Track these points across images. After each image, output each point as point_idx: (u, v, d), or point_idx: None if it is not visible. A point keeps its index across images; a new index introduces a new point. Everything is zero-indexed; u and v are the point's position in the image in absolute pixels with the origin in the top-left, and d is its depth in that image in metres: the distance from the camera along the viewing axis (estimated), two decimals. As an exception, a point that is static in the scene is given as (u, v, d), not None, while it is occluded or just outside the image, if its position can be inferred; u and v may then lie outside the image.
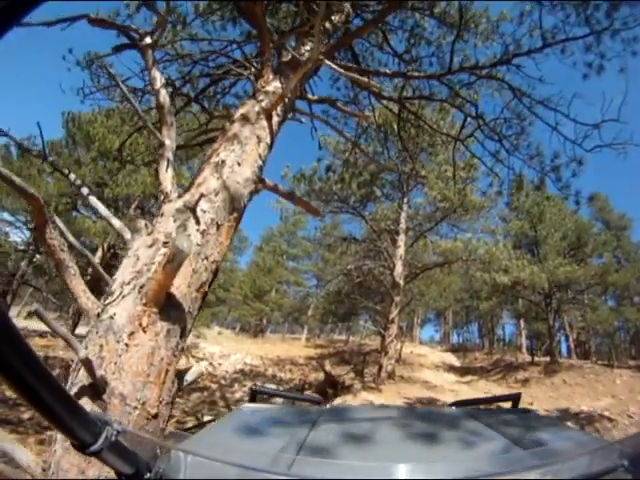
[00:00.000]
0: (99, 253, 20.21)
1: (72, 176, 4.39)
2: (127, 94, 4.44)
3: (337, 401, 14.86)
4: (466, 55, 8.07)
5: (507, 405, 2.43)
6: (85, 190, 4.22)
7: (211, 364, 21.59)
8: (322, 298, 34.68)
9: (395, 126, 10.37)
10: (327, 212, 20.84)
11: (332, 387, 16.80)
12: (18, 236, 23.78)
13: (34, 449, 8.11)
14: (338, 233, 27.29)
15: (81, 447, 0.93)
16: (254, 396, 2.52)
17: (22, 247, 23.34)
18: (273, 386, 18.34)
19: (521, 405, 2.40)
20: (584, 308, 30.01)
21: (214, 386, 17.39)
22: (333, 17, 6.59)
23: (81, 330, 19.85)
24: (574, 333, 39.29)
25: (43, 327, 24.89)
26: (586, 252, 27.34)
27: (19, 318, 31.90)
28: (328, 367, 18.04)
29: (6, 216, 22.85)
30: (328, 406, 2.48)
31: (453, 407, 2.45)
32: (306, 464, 1.26)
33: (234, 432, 1.80)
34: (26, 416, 9.62)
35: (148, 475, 1.10)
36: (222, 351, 25.91)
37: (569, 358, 32.95)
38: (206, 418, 11.45)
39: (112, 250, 19.99)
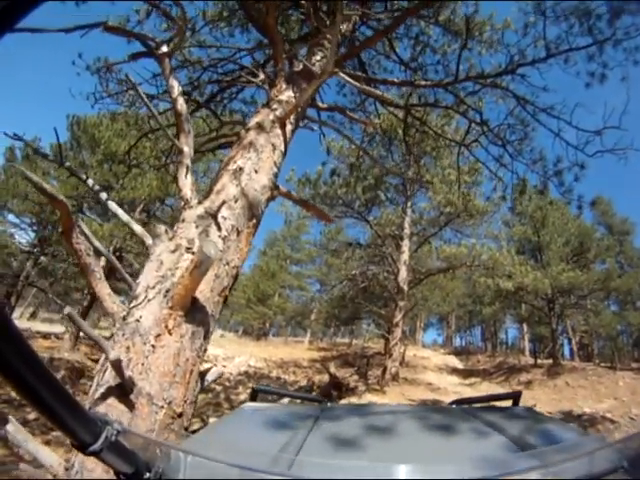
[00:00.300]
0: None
1: (90, 181, 4.48)
2: (147, 102, 4.48)
3: (341, 402, 14.89)
4: (471, 64, 8.13)
5: (507, 403, 2.40)
6: (104, 195, 4.31)
7: (215, 366, 21.58)
8: (326, 302, 34.52)
9: (400, 131, 10.45)
10: (332, 216, 20.61)
11: (337, 389, 16.87)
12: (23, 237, 23.85)
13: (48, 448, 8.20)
14: (342, 238, 27.24)
15: (81, 447, 0.95)
16: (255, 395, 2.54)
17: (27, 248, 23.39)
18: (273, 386, 18.40)
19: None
20: (587, 312, 29.90)
21: (219, 388, 17.40)
22: (341, 27, 6.69)
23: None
24: (577, 336, 39.12)
25: (47, 328, 24.94)
26: (589, 257, 27.27)
27: (22, 319, 32.00)
28: (333, 369, 18.10)
29: (12, 218, 22.92)
30: (329, 405, 2.49)
31: (454, 406, 2.47)
32: (306, 464, 1.25)
33: (235, 432, 1.84)
34: (31, 417, 9.63)
35: (148, 475, 1.11)
36: (226, 354, 25.93)
37: (572, 361, 32.87)
38: (211, 420, 11.48)
39: (118, 253, 20.00)
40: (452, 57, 8.49)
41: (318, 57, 6.08)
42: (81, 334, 19.72)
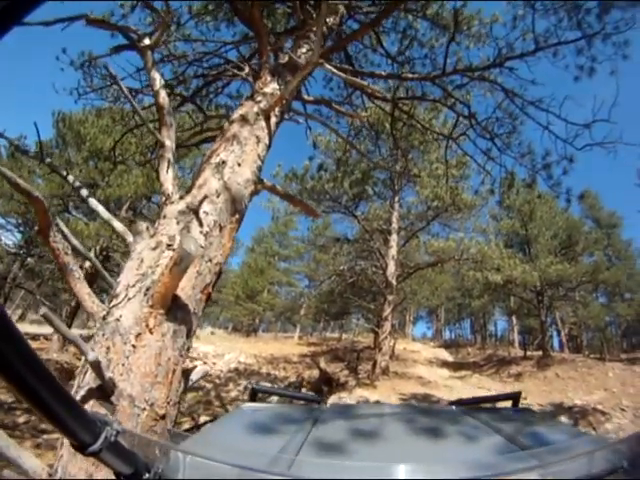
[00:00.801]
0: (91, 255, 20.06)
1: (70, 178, 4.39)
2: (128, 95, 4.42)
3: (332, 398, 14.93)
4: (459, 57, 8.10)
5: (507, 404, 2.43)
6: (85, 192, 4.23)
7: (205, 363, 21.55)
8: (314, 298, 34.60)
9: (387, 125, 10.40)
10: (319, 211, 20.54)
11: (327, 384, 16.95)
12: (9, 239, 23.62)
13: (32, 453, 8.12)
14: (330, 233, 27.35)
15: (80, 447, 0.94)
16: (254, 395, 2.53)
17: (14, 250, 23.18)
18: (268, 385, 18.38)
19: None
20: (575, 304, 30.21)
21: (209, 385, 17.36)
22: (328, 19, 6.62)
23: (73, 333, 19.84)
24: (566, 328, 39.49)
25: (35, 330, 24.78)
26: (577, 250, 27.54)
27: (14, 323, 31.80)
28: (323, 364, 18.13)
29: (-2, 219, 22.67)
30: (328, 405, 2.48)
31: (453, 406, 2.43)
32: (306, 464, 1.26)
33: (234, 432, 1.83)
34: (21, 420, 9.62)
35: (147, 475, 1.11)
36: (216, 350, 25.86)
37: (561, 352, 33.15)
38: (202, 419, 11.45)
39: (105, 253, 19.86)
40: (440, 51, 8.44)
41: (304, 49, 6.03)
42: (73, 334, 19.63)
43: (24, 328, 26.09)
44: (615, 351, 40.16)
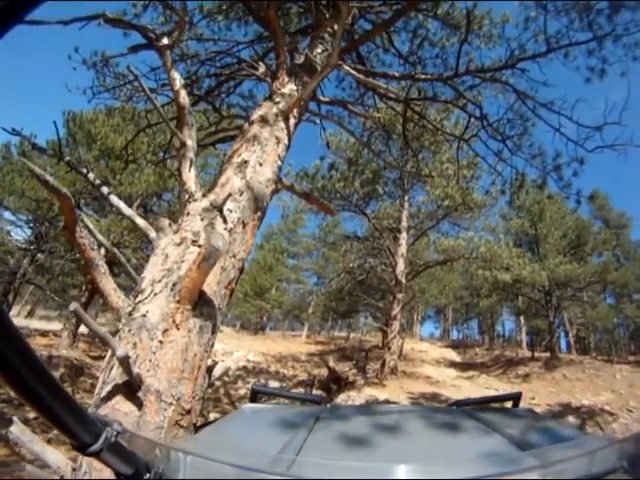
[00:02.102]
0: (102, 251, 20.11)
1: (91, 175, 4.43)
2: (149, 94, 4.46)
3: (341, 396, 15.07)
4: (471, 58, 8.03)
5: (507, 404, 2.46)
6: (105, 189, 4.28)
7: (214, 361, 21.55)
8: (323, 295, 34.62)
9: (398, 125, 10.42)
10: (330, 207, 20.52)
11: (336, 383, 16.93)
12: (19, 235, 23.73)
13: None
14: (340, 231, 27.37)
15: (81, 447, 0.95)
16: (255, 396, 2.56)
17: (24, 245, 23.29)
18: (277, 383, 18.47)
19: (522, 400, 2.43)
20: (584, 305, 30.11)
21: (218, 383, 17.38)
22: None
23: (82, 329, 19.91)
24: (574, 329, 39.37)
25: (44, 326, 24.86)
26: (586, 250, 27.46)
27: (20, 317, 31.91)
28: (332, 363, 18.12)
29: (8, 215, 22.79)
30: (328, 406, 2.52)
31: (454, 407, 2.44)
32: (306, 465, 1.25)
33: (234, 432, 1.85)
34: (31, 416, 9.63)
35: (147, 475, 1.11)
36: (224, 348, 25.88)
37: (569, 354, 33.03)
38: (212, 416, 11.50)
39: (115, 248, 19.95)
40: (451, 51, 8.55)
41: (319, 50, 6.06)
42: (79, 331, 19.70)
43: (33, 324, 26.25)
44: (623, 353, 40.00)
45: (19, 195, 20.19)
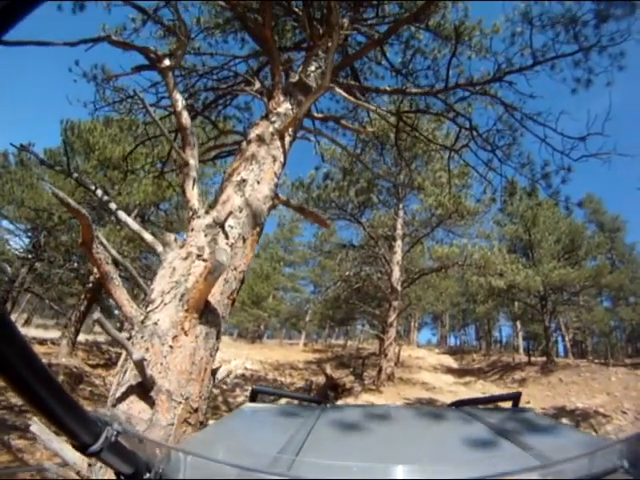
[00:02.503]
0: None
1: (99, 192, 4.67)
2: (156, 119, 4.67)
3: (338, 403, 14.97)
4: (461, 70, 8.26)
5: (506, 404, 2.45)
6: (113, 205, 4.52)
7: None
8: (320, 304, 34.63)
9: (391, 135, 10.59)
10: (325, 219, 20.47)
11: (333, 390, 17.00)
12: (17, 243, 23.78)
13: (44, 454, 8.32)
14: (335, 240, 27.39)
15: (81, 447, 0.96)
16: (254, 396, 2.54)
17: (22, 254, 23.34)
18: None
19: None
20: (579, 309, 30.19)
21: (216, 391, 17.49)
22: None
23: (80, 338, 20.04)
24: (570, 333, 39.39)
25: (41, 334, 24.83)
26: (580, 255, 27.43)
27: (17, 325, 31.92)
28: (329, 370, 18.25)
29: (6, 224, 22.82)
30: (328, 406, 2.44)
31: (453, 407, 2.42)
32: (305, 465, 1.26)
33: (234, 432, 1.86)
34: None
35: (147, 475, 1.12)
36: (222, 356, 25.97)
37: (566, 358, 33.12)
38: (210, 422, 11.64)
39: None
40: (442, 62, 8.69)
41: (313, 67, 6.27)
42: (78, 339, 19.81)
43: (30, 332, 26.24)
44: (620, 356, 40.05)
45: (18, 204, 20.19)
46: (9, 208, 21.07)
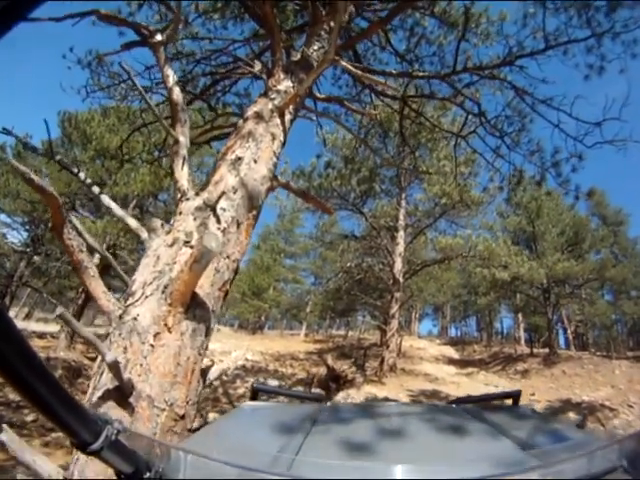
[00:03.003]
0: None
1: (82, 175, 4.35)
2: (142, 91, 4.41)
3: (340, 394, 15.15)
4: (468, 55, 8.12)
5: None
6: (96, 189, 4.19)
7: (212, 361, 21.50)
8: (321, 295, 34.78)
9: (395, 122, 10.43)
10: (328, 206, 20.53)
11: (335, 381, 16.96)
12: (15, 237, 23.69)
13: (40, 451, 8.14)
14: (337, 230, 27.47)
15: (81, 446, 0.94)
16: (255, 394, 2.51)
17: (20, 248, 23.25)
18: (275, 382, 18.52)
19: (522, 397, 2.39)
20: (582, 302, 30.27)
21: (216, 383, 17.38)
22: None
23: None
24: (572, 326, 39.62)
25: (42, 328, 24.84)
26: (584, 248, 27.59)
27: (17, 319, 31.89)
28: (330, 361, 18.11)
29: (3, 217, 22.72)
30: (329, 404, 2.50)
31: (454, 405, 2.44)
32: (306, 464, 1.25)
33: (234, 431, 1.82)
34: (29, 418, 9.67)
35: (148, 474, 1.10)
36: (222, 348, 25.92)
37: (567, 350, 33.18)
38: (211, 415, 11.48)
39: (111, 250, 19.82)
40: (448, 49, 8.52)
41: (315, 47, 6.00)
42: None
43: (30, 326, 26.23)
44: (622, 349, 40.27)
45: (14, 197, 20.12)
46: (5, 201, 21.03)
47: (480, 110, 8.26)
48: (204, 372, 3.13)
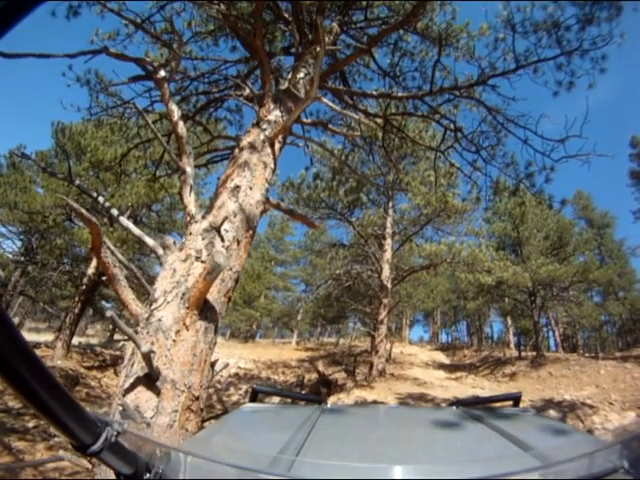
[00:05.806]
0: (94, 263, 20.14)
1: (101, 199, 4.94)
2: (153, 128, 4.90)
3: (331, 399, 15.18)
4: (447, 72, 8.44)
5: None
6: (115, 211, 4.78)
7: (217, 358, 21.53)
8: (311, 302, 34.76)
9: (380, 134, 10.80)
10: (315, 218, 20.73)
11: (325, 386, 17.22)
12: (10, 247, 23.75)
13: (45, 455, 8.47)
14: (326, 239, 27.59)
15: (81, 448, 0.96)
16: (255, 396, 2.55)
17: (15, 258, 23.33)
18: (269, 388, 18.75)
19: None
20: (569, 304, 30.54)
21: (210, 390, 17.64)
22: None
23: (73, 341, 20.15)
24: (560, 328, 39.70)
25: (34, 338, 24.79)
26: (568, 251, 27.75)
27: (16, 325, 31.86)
28: (321, 367, 18.44)
29: (-1, 228, 22.75)
30: (328, 406, 2.44)
31: (454, 407, 2.41)
32: (306, 465, 1.26)
33: (234, 432, 1.89)
34: (31, 425, 9.74)
35: (147, 475, 1.12)
36: (215, 357, 26.16)
37: (557, 352, 33.46)
38: (206, 424, 11.84)
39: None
40: (429, 64, 8.85)
41: (302, 74, 6.45)
42: (73, 342, 19.86)
43: (24, 336, 26.26)
44: (611, 349, 40.41)
45: (10, 207, 20.20)
46: (1, 211, 21.07)
47: (456, 126, 8.68)
48: (213, 364, 3.78)
